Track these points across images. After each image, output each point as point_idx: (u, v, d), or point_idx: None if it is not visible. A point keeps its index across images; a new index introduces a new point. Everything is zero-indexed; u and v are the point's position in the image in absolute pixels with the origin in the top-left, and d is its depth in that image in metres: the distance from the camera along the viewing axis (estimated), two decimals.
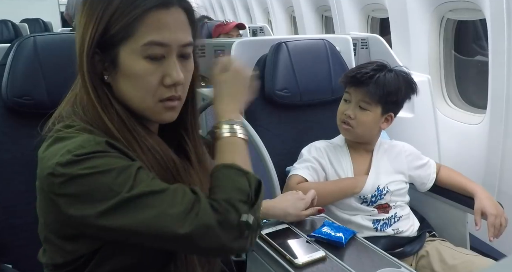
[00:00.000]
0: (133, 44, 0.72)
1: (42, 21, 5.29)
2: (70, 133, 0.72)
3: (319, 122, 1.74)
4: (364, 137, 1.43)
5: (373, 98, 1.35)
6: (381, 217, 1.40)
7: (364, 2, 2.99)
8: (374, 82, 1.34)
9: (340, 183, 1.41)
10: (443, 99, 2.38)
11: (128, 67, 0.73)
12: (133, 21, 0.71)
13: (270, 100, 1.67)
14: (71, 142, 0.70)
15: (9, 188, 1.17)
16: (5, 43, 1.37)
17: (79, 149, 0.68)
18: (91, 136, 0.71)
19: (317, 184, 1.38)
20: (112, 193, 0.67)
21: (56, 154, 0.69)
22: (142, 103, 0.76)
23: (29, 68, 1.19)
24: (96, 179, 0.67)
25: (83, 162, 0.67)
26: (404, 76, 1.40)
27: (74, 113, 0.76)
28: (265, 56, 1.73)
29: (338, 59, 1.78)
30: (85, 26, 0.73)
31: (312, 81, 1.70)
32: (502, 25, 1.75)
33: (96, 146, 0.69)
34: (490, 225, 1.35)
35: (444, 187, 1.54)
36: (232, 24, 3.24)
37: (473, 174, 1.62)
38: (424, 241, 1.44)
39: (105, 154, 0.69)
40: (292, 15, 4.56)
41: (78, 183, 0.67)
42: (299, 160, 1.47)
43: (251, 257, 1.15)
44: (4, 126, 1.22)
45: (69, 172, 0.67)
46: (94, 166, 0.67)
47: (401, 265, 0.99)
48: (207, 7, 7.70)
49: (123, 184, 0.67)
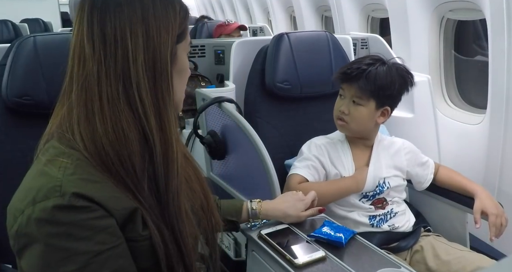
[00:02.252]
0: (185, 43, 0.80)
1: (42, 21, 5.30)
2: (50, 164, 0.70)
3: (319, 115, 1.72)
4: (360, 132, 1.43)
5: (365, 93, 1.35)
6: (378, 213, 1.40)
7: (364, 2, 2.99)
8: (365, 76, 1.34)
9: (341, 183, 1.40)
10: (443, 99, 2.38)
11: (182, 62, 0.80)
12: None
13: (270, 92, 1.66)
14: (44, 182, 0.68)
15: (9, 188, 1.17)
16: (5, 43, 1.37)
17: (43, 200, 0.66)
18: (61, 179, 0.68)
19: (319, 185, 1.38)
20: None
21: (24, 198, 0.68)
22: (182, 96, 0.83)
23: (29, 68, 1.19)
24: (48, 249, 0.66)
25: (43, 226, 0.66)
26: (398, 68, 1.38)
27: (65, 138, 0.73)
28: (266, 47, 1.70)
29: (340, 51, 1.75)
30: (157, 32, 0.74)
31: (313, 74, 1.68)
32: (502, 25, 1.75)
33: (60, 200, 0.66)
34: (491, 224, 1.35)
35: (443, 187, 1.54)
36: (234, 25, 3.23)
37: (473, 174, 1.62)
38: (419, 236, 1.45)
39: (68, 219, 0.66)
40: (292, 15, 4.56)
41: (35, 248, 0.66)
42: (299, 157, 1.47)
43: (251, 257, 1.15)
44: (4, 126, 1.22)
45: (29, 233, 0.66)
46: (49, 235, 0.65)
47: (401, 265, 0.99)
48: (207, 7, 7.71)
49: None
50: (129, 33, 0.72)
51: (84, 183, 0.68)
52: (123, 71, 0.72)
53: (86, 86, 0.72)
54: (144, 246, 0.74)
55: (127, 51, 0.72)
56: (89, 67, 0.72)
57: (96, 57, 0.71)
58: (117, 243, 0.70)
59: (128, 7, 0.72)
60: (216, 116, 1.46)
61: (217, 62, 2.29)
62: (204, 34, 3.79)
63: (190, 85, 2.08)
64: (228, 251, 1.50)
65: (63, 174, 0.68)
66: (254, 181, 1.36)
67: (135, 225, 0.72)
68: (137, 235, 0.73)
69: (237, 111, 1.39)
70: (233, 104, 1.49)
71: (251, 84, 1.70)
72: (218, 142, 1.45)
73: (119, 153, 0.71)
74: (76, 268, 0.66)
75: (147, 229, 0.73)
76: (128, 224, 0.72)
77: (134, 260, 0.73)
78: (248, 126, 1.29)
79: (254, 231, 1.13)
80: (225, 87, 1.73)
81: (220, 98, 1.42)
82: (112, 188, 0.70)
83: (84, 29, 0.73)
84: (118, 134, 0.71)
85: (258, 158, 1.26)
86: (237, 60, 1.78)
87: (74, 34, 0.74)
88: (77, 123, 0.72)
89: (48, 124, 0.77)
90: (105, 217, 0.68)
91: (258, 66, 1.68)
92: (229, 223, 1.13)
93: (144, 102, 0.73)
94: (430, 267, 1.37)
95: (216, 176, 1.61)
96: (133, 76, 0.72)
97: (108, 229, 0.69)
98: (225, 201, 1.17)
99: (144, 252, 0.74)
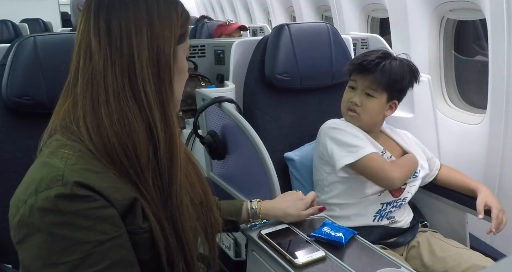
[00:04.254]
0: (185, 45, 0.83)
1: (42, 21, 5.30)
2: (53, 155, 0.71)
3: (318, 107, 1.72)
4: (369, 124, 1.43)
5: (380, 85, 1.37)
6: (390, 200, 1.40)
7: (364, 2, 2.99)
8: (380, 69, 1.36)
9: (409, 158, 1.43)
10: (443, 99, 2.37)
11: (181, 63, 0.82)
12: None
13: (270, 84, 1.65)
14: (46, 173, 0.69)
15: (9, 188, 1.17)
16: (5, 43, 1.37)
17: (46, 190, 0.67)
18: (64, 168, 0.69)
19: (399, 161, 1.41)
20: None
21: (27, 189, 0.69)
22: (180, 96, 0.84)
23: (29, 68, 1.19)
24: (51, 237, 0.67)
25: (45, 215, 0.66)
26: (408, 64, 1.42)
27: (69, 131, 0.74)
28: (266, 37, 1.69)
29: (341, 44, 1.74)
30: (160, 30, 0.77)
31: (313, 66, 1.67)
32: (502, 25, 1.74)
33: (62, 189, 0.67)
34: (494, 217, 1.35)
35: (445, 186, 1.54)
36: (235, 25, 3.23)
37: (473, 174, 1.62)
38: (416, 232, 1.46)
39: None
40: (292, 15, 4.55)
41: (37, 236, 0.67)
42: (341, 141, 1.37)
43: (251, 257, 1.15)
44: (4, 126, 1.22)
45: (31, 222, 0.67)
46: (52, 224, 0.66)
47: (401, 265, 0.99)
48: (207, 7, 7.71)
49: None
50: (134, 30, 0.74)
51: (86, 173, 0.69)
52: (129, 66, 0.74)
53: (92, 79, 0.74)
54: (144, 239, 0.74)
55: (132, 47, 0.74)
56: (95, 61, 0.74)
57: (102, 52, 0.74)
58: (118, 233, 0.71)
59: (134, 6, 0.75)
60: (216, 116, 1.47)
61: (217, 62, 2.29)
62: (204, 34, 3.79)
63: (190, 85, 2.08)
64: (228, 251, 1.50)
65: (65, 164, 0.69)
66: (254, 181, 1.36)
67: (135, 217, 0.73)
68: (137, 227, 0.74)
69: (237, 111, 1.39)
70: (233, 104, 1.49)
71: (251, 75, 1.69)
72: (218, 142, 1.45)
73: (124, 145, 0.72)
74: (79, 258, 0.66)
75: (147, 221, 0.74)
76: (128, 215, 0.73)
77: (134, 253, 0.74)
78: (248, 126, 1.29)
79: (254, 231, 1.13)
80: (225, 87, 1.73)
81: (220, 98, 1.42)
82: (113, 178, 0.71)
83: (90, 25, 0.75)
84: (124, 125, 0.73)
85: (258, 158, 1.26)
86: (237, 60, 1.78)
87: (80, 30, 0.76)
88: (82, 116, 0.73)
89: (50, 119, 0.78)
90: (107, 207, 0.69)
91: (258, 57, 1.67)
92: (229, 223, 1.14)
93: (149, 96, 0.75)
94: (425, 263, 1.38)
95: (216, 176, 1.61)
96: (138, 71, 0.74)
97: (110, 219, 0.70)
98: (225, 202, 1.18)
99: (144, 245, 0.75)
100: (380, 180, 1.35)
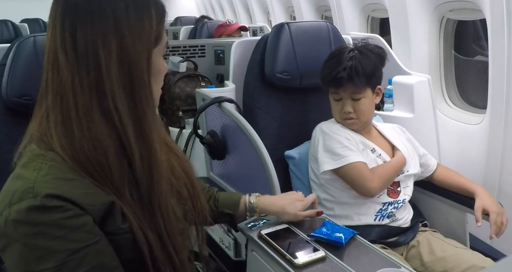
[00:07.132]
0: (160, 46, 0.78)
1: (42, 21, 5.30)
2: (26, 167, 0.71)
3: (318, 106, 1.72)
4: (368, 121, 1.48)
5: (361, 86, 1.39)
6: (389, 201, 1.41)
7: (364, 2, 2.99)
8: (355, 74, 1.37)
9: (393, 162, 1.43)
10: (443, 99, 2.37)
11: (158, 66, 0.79)
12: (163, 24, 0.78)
13: (270, 82, 1.64)
14: (19, 185, 0.68)
15: None
16: (5, 43, 1.37)
17: (18, 202, 0.67)
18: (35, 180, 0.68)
19: (382, 167, 1.40)
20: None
21: (2, 201, 0.68)
22: (159, 93, 0.82)
23: (29, 68, 1.19)
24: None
25: (19, 226, 0.67)
26: (371, 50, 1.43)
27: (43, 141, 0.73)
28: (266, 36, 1.69)
29: (341, 42, 1.74)
30: (131, 42, 0.72)
31: (313, 64, 1.66)
32: (502, 25, 1.75)
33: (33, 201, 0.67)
34: (492, 222, 1.35)
35: (443, 186, 1.54)
36: (235, 25, 3.23)
37: (473, 174, 1.62)
38: (417, 231, 1.46)
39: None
40: (292, 15, 4.55)
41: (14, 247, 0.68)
42: (327, 147, 1.41)
43: (251, 257, 1.15)
44: (4, 126, 1.22)
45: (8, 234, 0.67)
46: (26, 235, 0.67)
47: (401, 265, 0.99)
48: (207, 7, 7.71)
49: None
50: (102, 45, 0.70)
51: (58, 182, 0.69)
52: (97, 81, 0.71)
53: (61, 93, 0.72)
54: (126, 239, 0.74)
55: (100, 62, 0.70)
56: (63, 76, 0.71)
57: (69, 67, 0.71)
58: (95, 240, 0.70)
59: (100, 18, 0.70)
60: (216, 116, 1.47)
61: (217, 62, 2.29)
62: (204, 34, 3.79)
63: (190, 85, 2.08)
64: (228, 251, 1.50)
65: (36, 175, 0.69)
66: (254, 181, 1.36)
67: (115, 219, 0.73)
68: (118, 229, 0.73)
69: (237, 111, 1.39)
70: (233, 104, 1.49)
71: (251, 74, 1.69)
72: (218, 142, 1.45)
73: (96, 160, 0.71)
74: (55, 266, 0.67)
75: (126, 222, 0.74)
76: (107, 217, 0.72)
77: (118, 253, 0.74)
78: (248, 126, 1.29)
79: (254, 231, 1.13)
80: (225, 87, 1.73)
81: (220, 98, 1.42)
82: (87, 184, 0.70)
83: (57, 36, 0.72)
84: (95, 141, 0.71)
85: (258, 158, 1.27)
86: (237, 60, 1.78)
87: (48, 37, 0.73)
88: (54, 128, 0.72)
89: (29, 124, 0.77)
90: (80, 215, 0.69)
91: (258, 56, 1.67)
92: (225, 216, 1.14)
93: (120, 113, 0.72)
94: (425, 263, 1.38)
95: (216, 176, 1.61)
96: (107, 87, 0.71)
97: (84, 227, 0.69)
98: (223, 193, 1.17)
99: (127, 245, 0.74)
100: (358, 188, 1.37)
